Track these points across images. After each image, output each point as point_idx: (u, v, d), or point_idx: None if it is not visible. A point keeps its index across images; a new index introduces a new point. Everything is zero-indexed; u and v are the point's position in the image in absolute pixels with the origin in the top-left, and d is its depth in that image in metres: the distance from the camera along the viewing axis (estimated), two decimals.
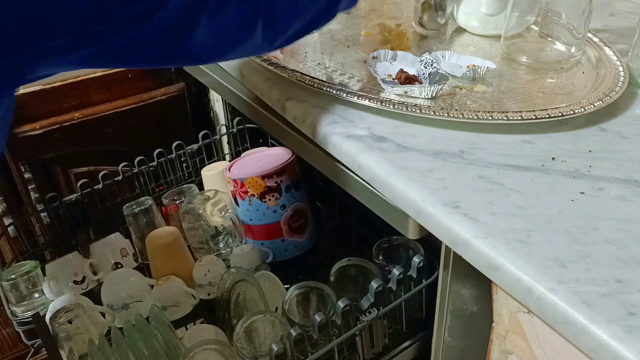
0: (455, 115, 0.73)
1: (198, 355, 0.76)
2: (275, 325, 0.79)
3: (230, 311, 0.97)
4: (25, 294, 1.00)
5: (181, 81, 1.28)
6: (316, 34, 0.96)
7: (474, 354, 0.77)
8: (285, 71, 0.82)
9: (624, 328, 0.48)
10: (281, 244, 1.08)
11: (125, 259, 1.08)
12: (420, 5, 0.94)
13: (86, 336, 0.89)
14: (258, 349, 0.77)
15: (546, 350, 0.58)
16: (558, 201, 0.62)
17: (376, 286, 0.78)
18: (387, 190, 0.67)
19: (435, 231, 0.62)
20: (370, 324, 0.79)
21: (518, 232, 0.57)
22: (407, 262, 0.87)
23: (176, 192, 1.18)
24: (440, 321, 0.76)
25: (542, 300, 0.52)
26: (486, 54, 0.92)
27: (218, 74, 0.99)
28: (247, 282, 0.90)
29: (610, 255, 0.55)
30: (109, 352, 0.83)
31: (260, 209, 1.07)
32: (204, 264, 1.01)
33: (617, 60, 0.86)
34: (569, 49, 0.87)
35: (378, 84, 0.80)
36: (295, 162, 1.08)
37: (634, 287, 0.52)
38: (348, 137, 0.72)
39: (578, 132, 0.74)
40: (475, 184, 0.64)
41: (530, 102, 0.78)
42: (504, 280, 0.55)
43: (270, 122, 0.87)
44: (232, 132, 1.27)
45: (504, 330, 0.63)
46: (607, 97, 0.76)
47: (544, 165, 0.67)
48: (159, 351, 0.82)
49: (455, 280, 0.71)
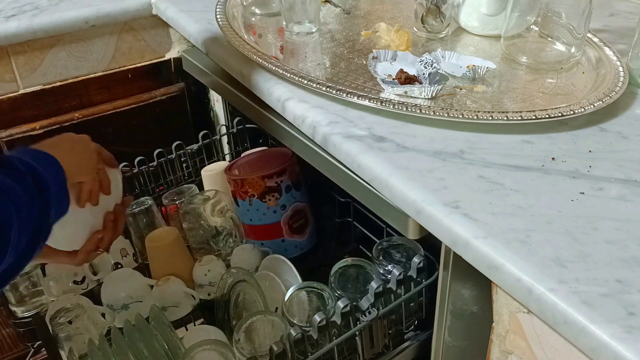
0: (455, 115, 0.73)
1: (198, 355, 0.76)
2: (275, 326, 0.79)
3: (229, 312, 0.97)
4: (25, 294, 1.00)
5: (181, 81, 1.27)
6: (316, 34, 0.96)
7: (474, 354, 0.77)
8: (285, 71, 0.82)
9: (624, 328, 0.48)
10: (281, 244, 1.08)
11: (125, 259, 1.08)
12: (421, 6, 0.94)
13: (86, 336, 0.89)
14: (258, 349, 0.77)
15: (546, 350, 0.58)
16: (558, 201, 0.62)
17: (376, 286, 0.78)
18: (387, 190, 0.67)
19: (435, 231, 0.62)
20: (370, 324, 0.79)
21: (518, 232, 0.57)
22: (407, 262, 0.87)
23: (176, 192, 1.18)
24: (440, 321, 0.76)
25: (542, 300, 0.52)
26: (486, 54, 0.91)
27: (218, 74, 0.99)
28: (247, 282, 0.90)
29: (610, 255, 0.55)
30: (109, 352, 0.83)
31: (261, 209, 1.07)
32: (204, 264, 1.01)
33: (617, 61, 0.86)
34: (569, 49, 0.87)
35: (378, 84, 0.80)
36: (295, 162, 1.08)
37: (634, 287, 0.51)
38: (348, 137, 0.72)
39: (578, 132, 0.74)
40: (475, 184, 0.64)
41: (530, 102, 0.78)
42: (504, 280, 0.55)
43: (270, 122, 0.87)
44: (232, 132, 1.27)
45: (504, 330, 0.63)
46: (607, 97, 0.76)
47: (544, 165, 0.67)
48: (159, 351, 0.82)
49: (455, 281, 0.71)
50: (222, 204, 1.09)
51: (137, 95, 1.24)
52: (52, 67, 1.13)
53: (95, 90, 1.20)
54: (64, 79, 1.16)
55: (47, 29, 1.08)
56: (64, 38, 1.12)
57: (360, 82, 0.82)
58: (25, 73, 1.11)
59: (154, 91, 1.26)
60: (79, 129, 1.19)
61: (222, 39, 0.95)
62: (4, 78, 1.09)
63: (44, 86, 1.14)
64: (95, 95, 1.20)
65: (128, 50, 1.19)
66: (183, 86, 1.28)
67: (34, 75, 1.12)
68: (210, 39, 0.97)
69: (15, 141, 1.13)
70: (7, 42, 1.06)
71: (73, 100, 1.18)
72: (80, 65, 1.16)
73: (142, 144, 1.24)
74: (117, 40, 1.17)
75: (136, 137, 1.26)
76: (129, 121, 1.24)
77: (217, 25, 0.95)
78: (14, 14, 1.07)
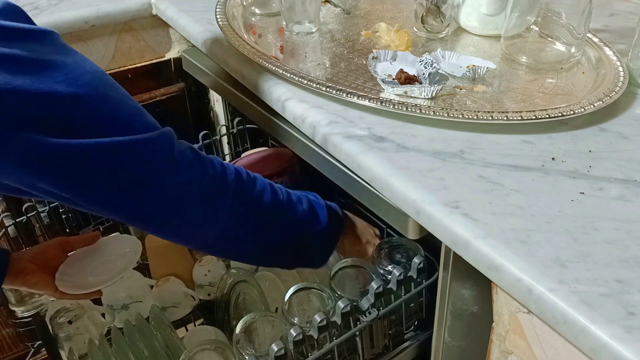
0: (455, 115, 0.73)
1: (198, 355, 0.76)
2: (275, 326, 0.79)
3: (230, 312, 0.97)
4: (25, 294, 1.00)
5: (181, 81, 1.27)
6: (316, 34, 0.96)
7: (474, 354, 0.77)
8: (285, 71, 0.82)
9: (624, 328, 0.48)
10: None
11: None
12: (421, 6, 0.94)
13: (86, 336, 0.89)
14: (258, 350, 0.77)
15: (546, 350, 0.58)
16: (558, 201, 0.62)
17: (376, 287, 0.78)
18: (387, 191, 0.67)
19: (435, 231, 0.62)
20: (370, 325, 0.79)
21: (518, 232, 0.57)
22: (407, 262, 0.87)
23: None
24: (440, 321, 0.76)
25: (542, 300, 0.52)
26: (486, 54, 0.91)
27: (218, 74, 0.99)
28: (247, 282, 0.90)
29: (610, 255, 0.55)
30: (109, 352, 0.83)
31: None
32: (204, 264, 1.01)
33: (617, 61, 0.86)
34: (569, 49, 0.87)
35: (378, 84, 0.80)
36: (295, 162, 1.08)
37: (634, 287, 0.51)
38: (348, 137, 0.72)
39: (578, 132, 0.74)
40: (475, 184, 0.64)
41: (530, 102, 0.78)
42: (504, 280, 0.55)
43: (270, 122, 0.87)
44: (232, 132, 1.27)
45: (504, 330, 0.63)
46: (607, 97, 0.76)
47: (544, 165, 0.67)
48: (159, 351, 0.83)
49: (455, 281, 0.71)
50: None
51: (137, 95, 1.24)
52: None
53: None
54: None
55: None
56: (64, 38, 1.10)
57: (360, 82, 0.82)
58: None
59: (154, 91, 1.26)
60: None
61: (222, 39, 0.95)
62: None
63: None
64: None
65: (128, 50, 1.19)
66: (183, 86, 1.28)
67: None
68: (210, 39, 0.97)
69: None
70: None
71: None
72: None
73: None
74: (117, 40, 1.17)
75: None
76: None
77: (217, 25, 0.95)
78: None
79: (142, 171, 0.61)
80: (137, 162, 0.61)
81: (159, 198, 0.64)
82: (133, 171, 0.61)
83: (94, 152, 0.57)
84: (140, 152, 0.61)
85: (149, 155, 0.62)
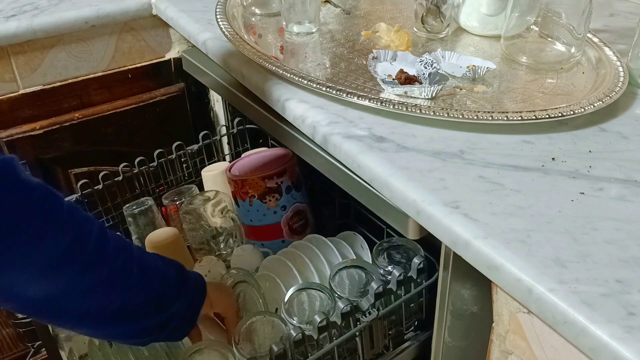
0: (455, 115, 0.73)
1: (198, 355, 0.76)
2: (275, 326, 0.79)
3: None
4: None
5: (181, 81, 1.27)
6: (316, 34, 0.96)
7: (474, 354, 0.77)
8: (285, 71, 0.82)
9: (624, 328, 0.48)
10: (282, 244, 1.08)
11: None
12: (421, 6, 0.94)
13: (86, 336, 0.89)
14: (258, 350, 0.77)
15: (546, 350, 0.58)
16: (558, 201, 0.62)
17: (376, 287, 0.78)
18: (387, 191, 0.67)
19: (435, 231, 0.62)
20: (370, 325, 0.79)
21: (518, 232, 0.57)
22: (407, 263, 0.87)
23: (176, 192, 1.18)
24: (440, 321, 0.76)
25: (542, 301, 0.52)
26: (486, 54, 0.91)
27: (218, 74, 0.99)
28: (247, 283, 0.90)
29: (610, 255, 0.55)
30: (109, 352, 0.83)
31: (261, 210, 1.07)
32: (204, 265, 1.00)
33: (617, 61, 0.86)
34: (569, 49, 0.87)
35: (378, 84, 0.80)
36: (296, 162, 1.08)
37: (634, 287, 0.51)
38: (348, 137, 0.72)
39: (578, 132, 0.74)
40: (475, 184, 0.64)
41: (530, 103, 0.78)
42: (504, 280, 0.55)
43: (270, 122, 0.87)
44: (232, 132, 1.27)
45: (504, 331, 0.63)
46: (607, 98, 0.76)
47: (544, 165, 0.67)
48: (159, 351, 0.82)
49: (455, 281, 0.71)
50: (223, 205, 1.09)
51: (137, 95, 1.24)
52: (52, 67, 1.13)
53: (95, 90, 1.20)
54: (64, 79, 1.16)
55: (47, 29, 1.08)
56: (64, 38, 1.12)
57: (360, 82, 0.82)
58: (25, 73, 1.11)
59: (154, 91, 1.26)
60: (79, 129, 1.19)
61: (222, 39, 0.95)
62: (4, 78, 1.09)
63: (44, 86, 1.14)
64: (95, 95, 1.20)
65: (128, 50, 1.19)
66: (183, 86, 1.28)
67: (34, 75, 1.12)
68: (211, 39, 0.98)
69: (15, 141, 1.13)
70: (7, 42, 1.06)
71: (73, 100, 1.18)
72: (80, 65, 1.16)
73: (142, 144, 1.24)
74: (117, 41, 1.17)
75: (136, 138, 1.26)
76: (129, 121, 1.24)
77: (217, 26, 0.95)
78: (14, 14, 1.07)
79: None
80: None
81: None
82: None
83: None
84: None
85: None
